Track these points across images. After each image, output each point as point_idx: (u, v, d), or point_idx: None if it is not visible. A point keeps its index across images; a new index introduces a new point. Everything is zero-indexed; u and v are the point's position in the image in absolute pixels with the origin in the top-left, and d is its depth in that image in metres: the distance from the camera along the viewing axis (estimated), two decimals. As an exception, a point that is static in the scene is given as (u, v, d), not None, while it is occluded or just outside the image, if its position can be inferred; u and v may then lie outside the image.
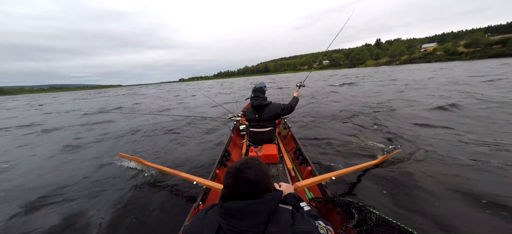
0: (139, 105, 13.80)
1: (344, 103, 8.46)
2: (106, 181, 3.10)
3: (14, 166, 4.13)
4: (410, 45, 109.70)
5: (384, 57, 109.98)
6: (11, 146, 5.75)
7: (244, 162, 0.82)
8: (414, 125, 4.66)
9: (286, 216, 0.81)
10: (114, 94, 40.76)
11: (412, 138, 3.82)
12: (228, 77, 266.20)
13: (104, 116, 9.39)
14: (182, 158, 3.72)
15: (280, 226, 0.77)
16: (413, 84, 12.68)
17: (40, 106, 21.32)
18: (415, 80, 15.34)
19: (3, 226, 2.30)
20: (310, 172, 2.12)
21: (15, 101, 39.02)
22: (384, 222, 1.09)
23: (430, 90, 9.72)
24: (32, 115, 13.58)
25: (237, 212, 0.75)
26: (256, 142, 2.65)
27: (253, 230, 0.74)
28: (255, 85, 2.74)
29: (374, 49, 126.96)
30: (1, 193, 3.03)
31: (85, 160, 4.14)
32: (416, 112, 5.75)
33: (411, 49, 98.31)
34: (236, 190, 0.78)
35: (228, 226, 0.76)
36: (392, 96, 9.01)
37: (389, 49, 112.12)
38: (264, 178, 0.81)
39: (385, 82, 15.55)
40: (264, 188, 0.81)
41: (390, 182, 2.49)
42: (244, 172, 0.78)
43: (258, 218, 0.75)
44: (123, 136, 5.58)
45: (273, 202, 0.79)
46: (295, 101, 2.78)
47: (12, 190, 3.12)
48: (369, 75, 27.72)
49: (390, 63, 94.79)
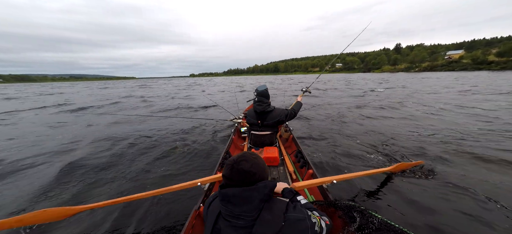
0: (148, 102, 12.99)
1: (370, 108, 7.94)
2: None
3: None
4: (434, 51, 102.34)
5: (403, 63, 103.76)
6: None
7: (241, 155, 0.91)
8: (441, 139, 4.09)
9: (280, 206, 0.87)
10: (129, 86, 41.60)
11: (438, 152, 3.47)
12: (238, 75, 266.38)
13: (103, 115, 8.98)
14: (182, 161, 3.54)
15: (273, 213, 0.83)
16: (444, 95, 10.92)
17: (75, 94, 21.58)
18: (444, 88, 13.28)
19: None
20: (311, 175, 2.11)
21: (42, 88, 39.05)
22: (386, 226, 1.08)
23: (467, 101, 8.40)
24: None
25: (233, 197, 0.84)
26: (257, 145, 2.63)
27: (247, 214, 0.82)
28: (257, 88, 2.66)
29: (393, 54, 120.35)
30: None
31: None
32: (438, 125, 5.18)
33: (434, 56, 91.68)
34: (232, 179, 0.87)
35: (226, 211, 0.86)
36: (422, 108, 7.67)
37: (409, 54, 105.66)
38: (258, 169, 0.89)
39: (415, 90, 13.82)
40: (259, 179, 0.88)
41: (402, 193, 2.32)
42: (240, 164, 0.87)
43: (251, 204, 0.83)
44: (121, 139, 5.09)
45: (265, 190, 0.86)
46: (299, 106, 2.74)
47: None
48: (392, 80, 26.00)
49: (408, 70, 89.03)
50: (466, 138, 4.04)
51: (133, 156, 3.81)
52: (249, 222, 0.82)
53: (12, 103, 14.21)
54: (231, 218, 0.85)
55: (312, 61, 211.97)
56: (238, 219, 0.83)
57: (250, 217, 0.82)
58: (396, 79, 29.58)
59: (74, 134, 5.63)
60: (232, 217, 0.84)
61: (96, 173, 3.17)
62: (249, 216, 0.82)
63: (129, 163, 3.52)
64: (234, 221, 0.84)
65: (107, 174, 3.15)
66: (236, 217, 0.83)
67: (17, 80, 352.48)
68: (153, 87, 31.11)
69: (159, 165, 3.39)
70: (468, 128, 4.71)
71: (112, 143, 4.65)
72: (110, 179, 2.98)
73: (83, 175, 3.12)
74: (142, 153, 3.99)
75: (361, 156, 3.46)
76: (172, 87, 27.98)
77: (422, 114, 6.53)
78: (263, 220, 0.82)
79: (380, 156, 3.44)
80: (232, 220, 0.84)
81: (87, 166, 3.43)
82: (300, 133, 4.90)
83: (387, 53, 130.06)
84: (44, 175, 3.16)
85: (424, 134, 4.50)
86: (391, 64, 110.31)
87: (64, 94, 20.81)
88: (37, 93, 23.27)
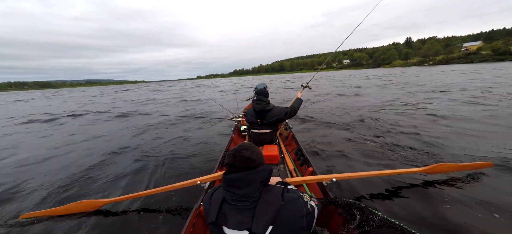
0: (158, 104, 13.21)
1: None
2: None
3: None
4: (448, 44, 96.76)
5: (415, 57, 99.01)
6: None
7: (241, 144, 1.01)
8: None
9: (277, 190, 0.97)
10: (144, 89, 43.23)
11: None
12: (243, 76, 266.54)
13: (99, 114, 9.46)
14: (182, 160, 3.52)
15: (272, 195, 0.94)
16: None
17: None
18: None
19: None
20: (311, 172, 2.05)
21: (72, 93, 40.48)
22: (386, 223, 1.09)
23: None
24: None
25: (237, 181, 0.92)
26: (257, 143, 2.59)
27: (250, 196, 0.91)
28: (256, 87, 2.65)
29: (403, 48, 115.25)
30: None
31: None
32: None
33: (449, 49, 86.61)
34: (235, 165, 0.95)
35: (231, 196, 0.93)
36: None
37: (422, 48, 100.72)
38: (257, 156, 0.99)
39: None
40: (258, 164, 0.97)
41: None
42: (241, 152, 0.96)
43: (254, 185, 0.92)
44: (115, 139, 5.15)
45: (264, 173, 0.96)
46: (298, 103, 2.69)
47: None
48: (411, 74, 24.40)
49: (422, 63, 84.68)
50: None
51: (136, 154, 3.93)
52: (252, 203, 0.90)
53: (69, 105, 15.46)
54: (235, 202, 0.92)
55: (318, 59, 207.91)
56: (242, 202, 0.91)
57: (253, 198, 0.91)
58: (420, 73, 27.12)
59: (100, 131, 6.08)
60: (237, 200, 0.92)
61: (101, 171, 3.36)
62: (252, 198, 0.91)
63: (131, 162, 3.61)
64: (239, 204, 0.91)
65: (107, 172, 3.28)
66: (240, 200, 0.91)
67: (40, 87, 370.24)
68: (164, 90, 32.03)
69: (160, 163, 3.40)
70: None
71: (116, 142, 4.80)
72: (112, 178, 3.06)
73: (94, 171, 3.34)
74: (143, 152, 4.03)
75: (383, 152, 3.16)
76: (178, 90, 28.48)
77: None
78: (264, 200, 0.91)
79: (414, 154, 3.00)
80: (236, 204, 0.92)
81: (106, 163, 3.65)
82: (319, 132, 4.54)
83: (397, 47, 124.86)
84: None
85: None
86: (402, 59, 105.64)
87: (101, 97, 23.60)
88: (78, 100, 21.68)
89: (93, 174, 3.21)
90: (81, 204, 1.93)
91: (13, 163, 3.93)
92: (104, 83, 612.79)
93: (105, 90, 43.81)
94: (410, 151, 3.16)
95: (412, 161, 2.84)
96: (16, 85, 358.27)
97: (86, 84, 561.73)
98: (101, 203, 1.95)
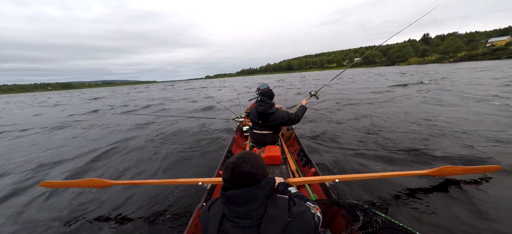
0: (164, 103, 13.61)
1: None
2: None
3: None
4: (471, 39, 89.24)
5: (433, 54, 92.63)
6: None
7: (240, 156, 0.88)
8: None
9: (283, 202, 0.88)
10: (155, 88, 45.38)
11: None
12: (251, 75, 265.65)
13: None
14: (185, 159, 3.60)
15: (278, 209, 0.84)
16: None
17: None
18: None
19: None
20: (314, 173, 2.05)
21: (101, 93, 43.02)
22: (390, 225, 1.06)
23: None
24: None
25: (237, 198, 0.83)
26: (259, 143, 2.61)
27: (253, 213, 0.82)
28: (259, 87, 2.76)
29: (420, 45, 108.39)
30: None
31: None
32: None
33: (472, 44, 79.80)
34: (234, 182, 0.84)
35: (231, 213, 0.84)
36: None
37: (441, 44, 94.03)
38: (259, 170, 0.87)
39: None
40: (261, 178, 0.88)
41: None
42: (241, 166, 0.84)
43: (256, 202, 0.83)
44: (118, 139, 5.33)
45: (267, 186, 0.87)
46: (302, 111, 2.61)
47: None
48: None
49: (441, 60, 78.78)
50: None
51: (140, 151, 4.17)
52: (255, 220, 0.82)
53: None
54: (236, 219, 0.83)
55: (328, 57, 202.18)
56: (244, 219, 0.82)
57: (256, 215, 0.82)
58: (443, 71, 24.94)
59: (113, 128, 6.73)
60: (238, 218, 0.83)
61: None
62: (256, 215, 0.82)
63: (138, 156, 3.90)
64: (240, 221, 0.82)
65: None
66: (242, 217, 0.82)
67: (62, 88, 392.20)
68: (176, 89, 32.93)
69: (161, 162, 3.51)
70: None
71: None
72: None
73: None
74: (146, 148, 4.27)
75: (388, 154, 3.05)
76: (187, 90, 30.01)
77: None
78: (270, 217, 0.82)
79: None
80: (238, 221, 0.83)
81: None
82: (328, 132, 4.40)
83: (413, 44, 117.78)
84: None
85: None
86: (419, 56, 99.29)
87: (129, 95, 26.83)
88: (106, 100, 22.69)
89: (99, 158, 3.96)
90: (91, 181, 2.02)
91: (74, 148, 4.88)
92: (119, 84, 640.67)
93: (131, 90, 45.85)
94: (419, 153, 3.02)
95: (419, 163, 2.75)
96: (41, 87, 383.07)
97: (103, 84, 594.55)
98: (107, 183, 2.01)
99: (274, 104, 2.51)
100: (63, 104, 18.86)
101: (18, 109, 17.42)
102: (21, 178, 3.29)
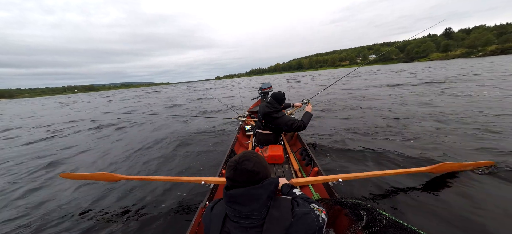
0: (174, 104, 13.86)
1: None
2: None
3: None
4: (503, 32, 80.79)
5: (459, 48, 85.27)
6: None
7: (242, 155, 0.88)
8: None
9: (286, 203, 0.87)
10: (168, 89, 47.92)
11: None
12: (260, 75, 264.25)
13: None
14: (187, 159, 3.64)
15: (281, 210, 0.83)
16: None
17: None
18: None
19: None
20: (317, 172, 2.03)
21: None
22: (394, 224, 1.04)
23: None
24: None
25: (240, 197, 0.82)
26: (261, 143, 2.59)
27: (255, 213, 0.81)
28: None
29: (442, 40, 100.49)
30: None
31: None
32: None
33: (504, 37, 72.07)
34: (237, 180, 0.84)
35: (233, 212, 0.83)
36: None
37: (466, 38, 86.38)
38: (261, 168, 0.87)
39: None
40: (263, 177, 0.87)
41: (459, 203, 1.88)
42: (243, 164, 0.84)
43: (259, 202, 0.82)
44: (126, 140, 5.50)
45: (270, 187, 0.86)
46: (308, 118, 2.46)
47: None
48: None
49: (468, 55, 72.01)
50: None
51: (144, 152, 4.25)
52: (258, 221, 0.81)
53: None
54: (239, 219, 0.82)
55: (339, 55, 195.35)
56: (247, 219, 0.81)
57: (259, 216, 0.81)
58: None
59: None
60: (240, 218, 0.82)
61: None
62: (258, 215, 0.81)
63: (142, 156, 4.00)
64: (243, 222, 0.82)
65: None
66: (245, 217, 0.81)
67: (86, 90, 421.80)
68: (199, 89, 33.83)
69: (162, 161, 3.62)
70: None
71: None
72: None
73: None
74: (146, 151, 4.29)
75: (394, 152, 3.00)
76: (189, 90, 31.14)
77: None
78: (273, 217, 0.81)
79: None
80: (240, 221, 0.82)
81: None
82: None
83: (434, 39, 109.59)
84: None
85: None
86: (442, 51, 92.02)
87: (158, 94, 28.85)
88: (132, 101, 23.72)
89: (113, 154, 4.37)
90: (104, 175, 2.11)
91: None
92: (135, 86, 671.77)
93: (149, 92, 48.57)
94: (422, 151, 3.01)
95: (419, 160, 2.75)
96: (69, 89, 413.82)
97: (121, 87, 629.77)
98: (117, 177, 2.09)
99: (282, 109, 2.50)
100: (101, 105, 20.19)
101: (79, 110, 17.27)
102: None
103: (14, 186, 3.20)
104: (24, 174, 3.66)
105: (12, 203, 2.70)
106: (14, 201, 2.74)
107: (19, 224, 2.22)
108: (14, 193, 2.98)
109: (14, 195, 2.92)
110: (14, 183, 3.34)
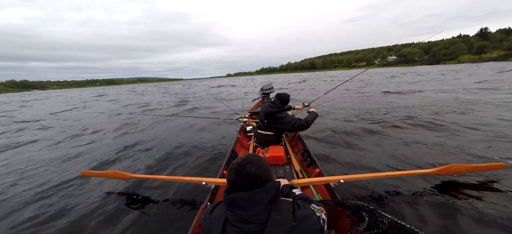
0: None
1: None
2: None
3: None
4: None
5: (495, 51, 75.19)
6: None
7: (245, 158, 0.87)
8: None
9: (287, 206, 0.86)
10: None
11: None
12: (270, 74, 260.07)
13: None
14: (188, 159, 3.55)
15: (282, 214, 0.82)
16: None
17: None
18: None
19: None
20: (318, 174, 1.98)
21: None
22: (396, 226, 1.03)
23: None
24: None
25: (241, 201, 0.81)
26: (263, 144, 2.57)
27: (257, 217, 0.79)
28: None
29: (476, 41, 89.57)
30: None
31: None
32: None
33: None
34: (238, 183, 0.83)
35: (234, 217, 0.81)
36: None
37: (505, 40, 75.85)
38: (263, 172, 0.86)
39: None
40: (265, 181, 0.86)
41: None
42: (245, 167, 0.83)
43: (260, 206, 0.80)
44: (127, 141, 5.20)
45: (272, 191, 0.85)
46: (313, 117, 2.45)
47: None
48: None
49: (507, 58, 62.78)
50: None
51: (144, 153, 4.06)
52: (259, 225, 0.79)
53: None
54: (240, 224, 0.80)
55: (356, 55, 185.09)
56: (248, 224, 0.80)
57: (260, 220, 0.80)
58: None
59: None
60: (241, 222, 0.80)
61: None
62: (259, 219, 0.80)
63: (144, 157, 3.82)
64: (244, 226, 0.80)
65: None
66: (246, 222, 0.80)
67: (107, 84, 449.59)
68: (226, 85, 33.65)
69: (164, 161, 3.53)
70: None
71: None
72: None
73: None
74: (147, 150, 4.17)
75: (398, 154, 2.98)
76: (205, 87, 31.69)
77: None
78: (274, 222, 0.80)
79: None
80: (241, 226, 0.80)
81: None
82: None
83: (466, 40, 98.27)
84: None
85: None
86: (474, 54, 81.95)
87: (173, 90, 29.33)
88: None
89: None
90: (116, 173, 2.21)
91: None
92: (151, 81, 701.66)
93: (169, 86, 50.45)
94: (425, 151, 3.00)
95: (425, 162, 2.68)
96: (91, 83, 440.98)
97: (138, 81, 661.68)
98: (128, 176, 2.18)
99: (285, 110, 2.47)
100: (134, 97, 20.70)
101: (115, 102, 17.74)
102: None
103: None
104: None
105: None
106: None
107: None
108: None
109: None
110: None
